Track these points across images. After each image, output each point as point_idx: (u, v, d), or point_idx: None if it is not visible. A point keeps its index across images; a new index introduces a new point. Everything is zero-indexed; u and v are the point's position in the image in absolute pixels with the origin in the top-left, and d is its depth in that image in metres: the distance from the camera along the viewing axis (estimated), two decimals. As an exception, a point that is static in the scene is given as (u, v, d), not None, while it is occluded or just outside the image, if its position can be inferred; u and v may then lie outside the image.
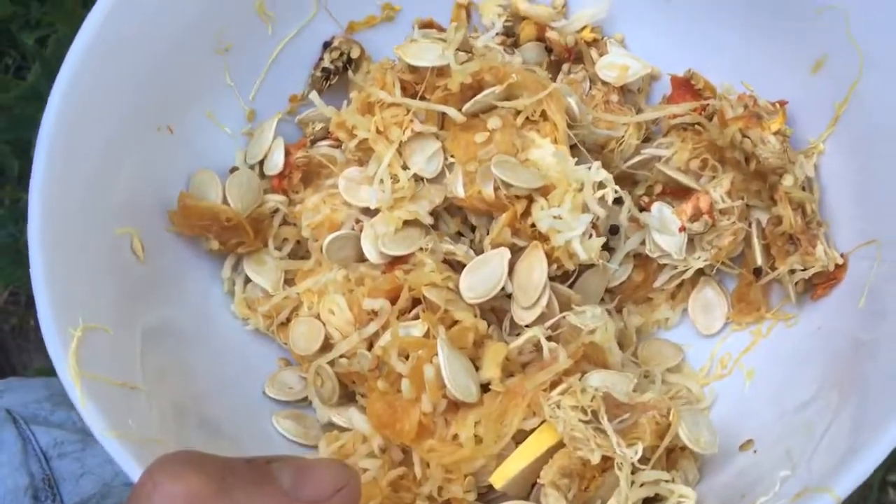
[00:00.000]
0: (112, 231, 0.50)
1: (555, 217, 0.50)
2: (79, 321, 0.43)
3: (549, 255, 0.51)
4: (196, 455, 0.32)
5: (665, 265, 0.56)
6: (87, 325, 0.44)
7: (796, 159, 0.52)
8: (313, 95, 0.57)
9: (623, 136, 0.59)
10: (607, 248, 0.56)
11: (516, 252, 0.52)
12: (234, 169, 0.59)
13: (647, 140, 0.60)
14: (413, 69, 0.54)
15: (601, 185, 0.52)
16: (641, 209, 0.58)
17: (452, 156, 0.54)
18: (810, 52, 0.53)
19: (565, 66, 0.62)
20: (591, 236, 0.51)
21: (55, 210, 0.45)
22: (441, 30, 0.64)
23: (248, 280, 0.57)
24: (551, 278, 0.52)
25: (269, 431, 0.53)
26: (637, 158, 0.58)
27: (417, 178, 0.54)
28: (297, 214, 0.57)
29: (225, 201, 0.56)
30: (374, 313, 0.52)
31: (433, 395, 0.47)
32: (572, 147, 0.54)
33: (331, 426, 0.54)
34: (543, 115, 0.54)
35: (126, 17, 0.51)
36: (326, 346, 0.53)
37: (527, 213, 0.51)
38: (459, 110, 0.53)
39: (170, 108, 0.55)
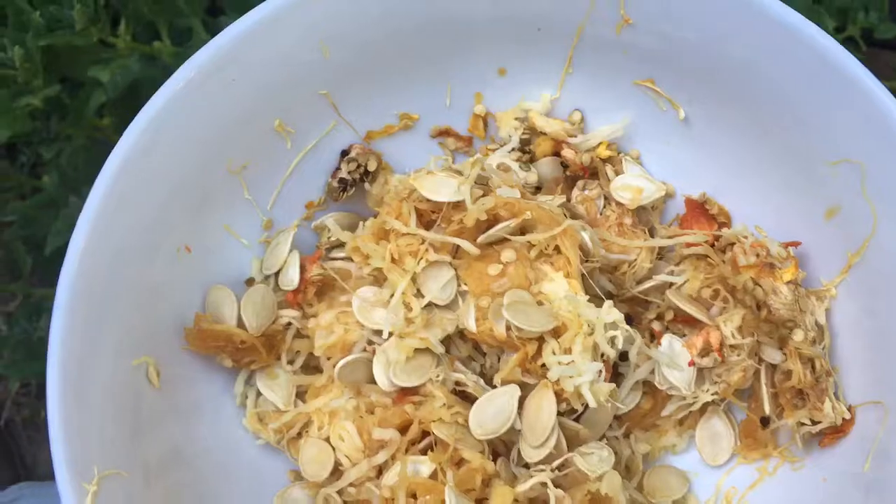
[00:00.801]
0: (129, 363, 0.50)
1: (565, 364, 0.50)
2: (94, 473, 0.44)
3: (557, 395, 0.51)
4: None
5: (673, 395, 0.57)
6: (101, 474, 0.44)
7: (808, 307, 0.53)
8: (329, 221, 0.58)
9: (635, 260, 0.59)
10: (616, 373, 0.57)
11: (526, 388, 0.52)
12: (250, 280, 0.59)
13: (660, 256, 0.61)
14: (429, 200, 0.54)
15: (612, 325, 0.53)
16: (652, 336, 0.59)
17: (465, 285, 0.55)
18: (825, 199, 0.54)
19: (580, 183, 0.62)
20: (600, 373, 0.52)
21: (75, 353, 0.46)
22: (458, 138, 0.64)
23: (259, 393, 0.58)
24: (559, 413, 0.52)
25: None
26: (649, 284, 0.59)
27: (430, 305, 0.55)
28: (311, 330, 0.57)
29: (240, 318, 0.56)
30: (385, 442, 0.53)
31: (440, 542, 0.48)
32: (584, 279, 0.55)
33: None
34: (557, 248, 0.54)
35: (151, 145, 0.51)
36: (336, 470, 0.54)
37: (538, 353, 0.52)
38: (474, 242, 0.54)
39: (188, 228, 0.56)
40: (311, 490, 0.55)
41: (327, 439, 0.54)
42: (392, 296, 0.54)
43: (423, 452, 0.52)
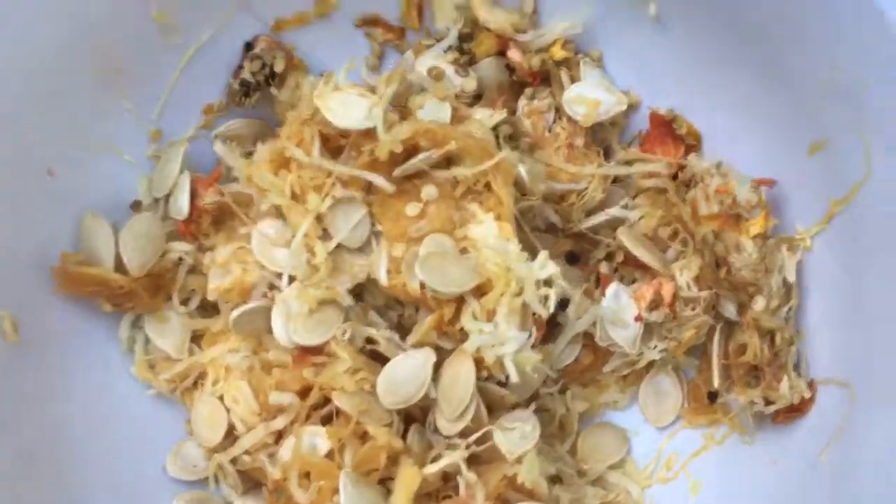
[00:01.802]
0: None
1: (486, 332, 0.43)
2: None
3: (478, 362, 0.45)
4: None
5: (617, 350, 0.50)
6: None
7: (775, 265, 0.45)
8: (218, 147, 0.49)
9: (585, 189, 0.51)
10: (554, 324, 0.50)
11: (442, 352, 0.46)
12: (136, 204, 0.51)
13: (615, 181, 0.52)
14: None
15: (547, 281, 0.45)
16: (598, 280, 0.51)
17: (380, 224, 0.46)
18: (811, 129, 0.45)
19: (528, 91, 0.53)
20: (530, 336, 0.45)
21: None
22: (388, 28, 0.54)
23: (148, 339, 0.51)
24: (480, 379, 0.45)
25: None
26: (599, 219, 0.51)
27: (339, 247, 0.47)
28: (205, 267, 0.50)
29: (119, 255, 0.48)
30: (283, 407, 0.46)
31: (334, 533, 0.43)
32: (518, 221, 0.47)
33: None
34: (487, 185, 0.46)
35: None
36: (230, 434, 0.48)
37: (456, 315, 0.44)
38: (389, 176, 0.45)
39: (50, 147, 0.47)
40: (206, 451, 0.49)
41: (221, 398, 0.48)
42: (293, 243, 0.46)
43: (327, 419, 0.46)
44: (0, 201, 0.45)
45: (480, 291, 0.45)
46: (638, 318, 0.48)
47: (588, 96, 0.51)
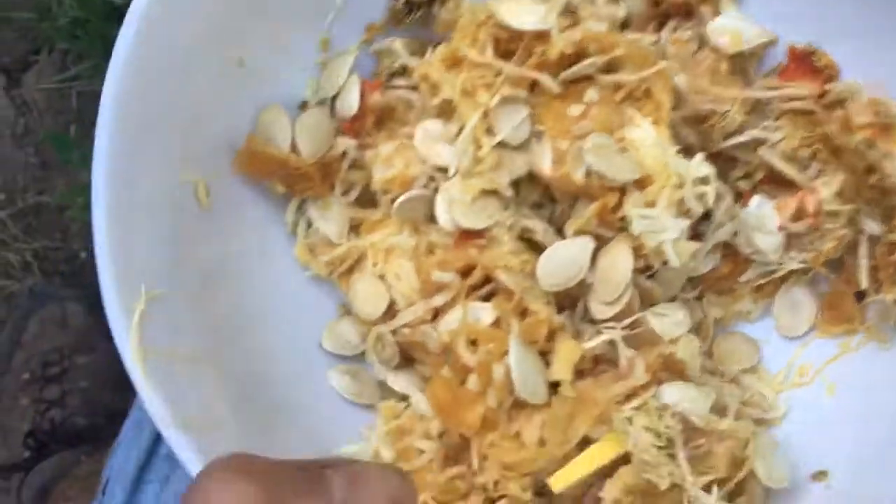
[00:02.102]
0: (176, 181, 0.47)
1: (648, 218, 0.46)
2: (140, 293, 0.41)
3: (635, 251, 0.47)
4: (247, 461, 0.31)
5: (756, 260, 0.52)
6: (149, 293, 0.41)
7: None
8: (396, 44, 0.52)
9: (728, 111, 0.54)
10: (695, 234, 0.52)
11: (600, 241, 0.48)
12: (304, 104, 0.55)
13: (752, 111, 0.55)
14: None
15: (702, 180, 0.48)
16: (739, 195, 0.54)
17: (542, 125, 0.50)
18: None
19: (672, 23, 0.56)
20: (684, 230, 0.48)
21: (121, 170, 0.42)
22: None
23: (311, 223, 0.54)
24: (634, 270, 0.48)
25: (324, 387, 0.52)
26: (740, 139, 0.54)
27: (501, 145, 0.50)
28: (368, 162, 0.53)
29: (294, 143, 0.52)
30: (444, 285, 0.49)
31: (500, 393, 0.45)
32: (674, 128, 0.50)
33: (388, 388, 0.52)
34: (647, 92, 0.49)
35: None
36: (389, 309, 0.51)
37: (618, 205, 0.47)
38: (556, 78, 0.49)
39: (240, 37, 0.50)
40: (361, 326, 0.52)
41: (381, 277, 0.51)
42: (461, 130, 0.49)
43: (485, 299, 0.49)
44: (199, 83, 0.49)
45: (641, 185, 0.48)
46: (780, 228, 0.51)
47: (731, 26, 0.54)
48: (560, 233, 0.50)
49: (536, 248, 0.50)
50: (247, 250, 0.52)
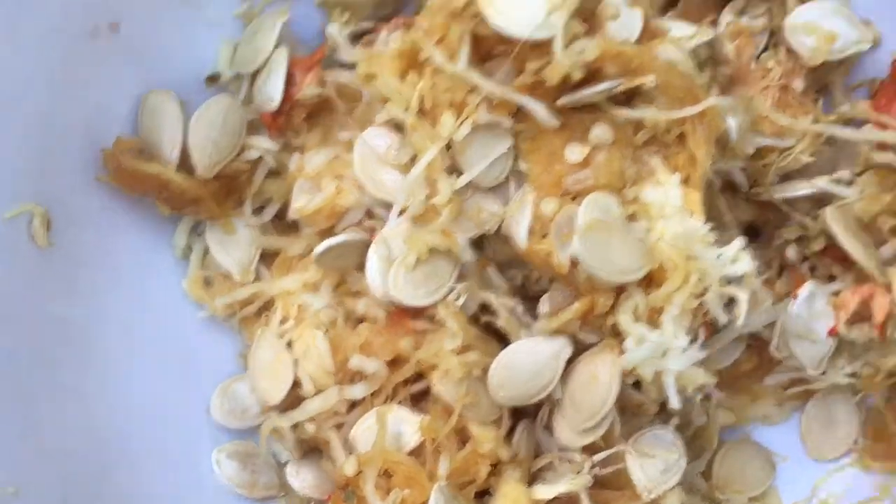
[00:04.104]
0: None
1: (650, 341, 0.33)
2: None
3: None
4: None
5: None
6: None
7: None
8: (332, 28, 0.37)
9: (791, 148, 0.39)
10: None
11: (580, 344, 0.35)
12: (213, 77, 0.40)
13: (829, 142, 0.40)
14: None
15: (736, 279, 0.34)
16: (781, 267, 0.40)
17: (526, 162, 0.35)
18: None
19: (737, 2, 0.40)
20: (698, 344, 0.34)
21: None
22: None
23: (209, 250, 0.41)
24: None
25: (205, 472, 0.40)
26: (801, 189, 0.39)
27: (468, 185, 0.36)
28: (290, 175, 0.39)
29: (187, 147, 0.38)
30: (365, 376, 0.37)
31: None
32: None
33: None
34: (680, 138, 0.34)
35: None
36: (294, 390, 0.38)
37: (612, 308, 0.34)
38: (554, 105, 0.34)
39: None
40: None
41: (290, 343, 0.38)
42: (414, 159, 0.35)
43: (418, 399, 0.36)
44: (50, 59, 0.34)
45: (648, 279, 0.34)
46: (832, 332, 0.38)
47: (822, 25, 0.39)
48: (533, 300, 0.37)
49: (497, 335, 0.37)
50: (109, 284, 0.38)
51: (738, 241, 0.34)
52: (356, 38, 0.41)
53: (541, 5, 0.33)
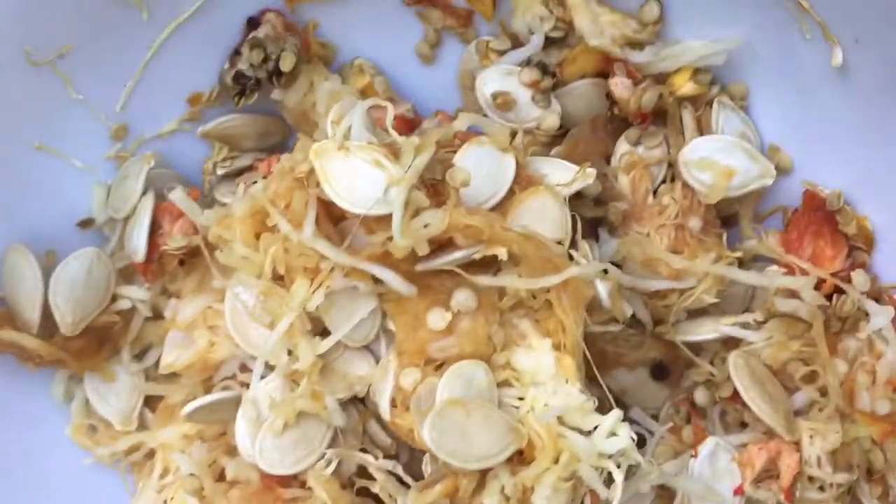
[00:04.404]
0: None
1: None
2: None
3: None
4: None
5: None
6: None
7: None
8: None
9: (693, 289, 0.36)
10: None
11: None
12: (86, 222, 0.38)
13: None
14: (339, 199, 0.31)
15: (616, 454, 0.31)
16: (689, 415, 0.37)
17: (393, 323, 0.33)
18: None
19: (632, 132, 0.37)
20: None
21: None
22: (450, 11, 0.39)
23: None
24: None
25: None
26: (706, 333, 0.36)
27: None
28: (163, 325, 0.38)
29: (48, 305, 0.36)
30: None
31: None
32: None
33: None
34: (548, 302, 0.32)
35: None
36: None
37: (478, 488, 0.32)
38: (411, 269, 0.32)
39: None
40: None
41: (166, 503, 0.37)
42: (269, 341, 0.33)
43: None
44: None
45: (519, 455, 0.31)
46: (738, 492, 0.35)
47: (718, 160, 0.36)
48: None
49: (375, 499, 0.35)
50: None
51: (615, 414, 0.31)
52: (237, 174, 0.40)
53: (379, 179, 0.30)
